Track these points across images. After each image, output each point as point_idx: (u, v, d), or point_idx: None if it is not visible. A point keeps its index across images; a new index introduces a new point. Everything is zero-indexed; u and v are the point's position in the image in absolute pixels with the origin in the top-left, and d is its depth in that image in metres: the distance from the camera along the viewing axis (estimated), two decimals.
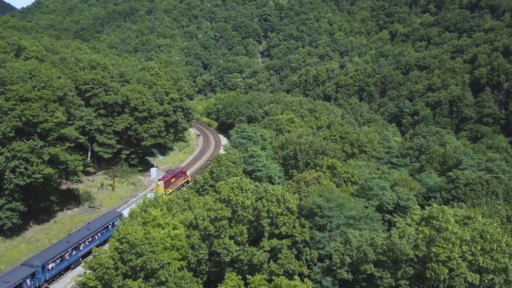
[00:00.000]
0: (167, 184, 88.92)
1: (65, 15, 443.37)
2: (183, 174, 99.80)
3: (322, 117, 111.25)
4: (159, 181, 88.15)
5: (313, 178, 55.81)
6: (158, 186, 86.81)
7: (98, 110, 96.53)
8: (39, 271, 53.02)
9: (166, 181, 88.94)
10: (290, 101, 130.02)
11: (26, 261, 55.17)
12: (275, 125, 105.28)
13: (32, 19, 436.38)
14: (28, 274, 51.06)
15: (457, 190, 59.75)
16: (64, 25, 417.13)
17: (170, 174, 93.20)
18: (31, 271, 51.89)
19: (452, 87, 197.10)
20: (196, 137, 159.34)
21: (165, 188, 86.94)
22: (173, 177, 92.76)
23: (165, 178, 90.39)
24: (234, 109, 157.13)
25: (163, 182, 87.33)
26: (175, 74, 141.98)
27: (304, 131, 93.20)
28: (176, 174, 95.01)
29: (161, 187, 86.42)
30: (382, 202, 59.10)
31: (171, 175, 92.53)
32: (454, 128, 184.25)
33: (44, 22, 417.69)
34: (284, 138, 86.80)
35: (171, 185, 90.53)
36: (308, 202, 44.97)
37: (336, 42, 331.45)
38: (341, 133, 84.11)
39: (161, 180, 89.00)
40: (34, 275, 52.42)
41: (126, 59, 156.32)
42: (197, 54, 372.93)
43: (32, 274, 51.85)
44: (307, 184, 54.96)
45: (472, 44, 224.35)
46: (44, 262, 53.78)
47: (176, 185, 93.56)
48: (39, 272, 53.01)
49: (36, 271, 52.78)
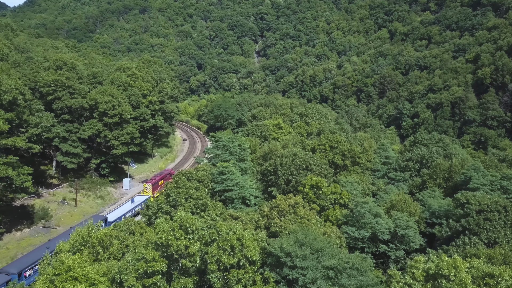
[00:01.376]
0: (155, 186, 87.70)
1: (57, 14, 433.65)
2: (171, 176, 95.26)
3: (313, 123, 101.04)
4: (146, 184, 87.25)
5: (288, 205, 45.93)
6: (146, 189, 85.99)
7: (62, 115, 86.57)
8: (15, 279, 50.30)
9: (154, 183, 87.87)
10: (280, 104, 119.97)
11: (2, 269, 52.89)
12: (260, 132, 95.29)
13: (24, 18, 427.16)
14: (3, 282, 48.43)
15: (468, 220, 49.30)
16: (56, 24, 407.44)
17: (158, 176, 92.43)
18: (6, 279, 49.24)
19: (454, 88, 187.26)
20: (182, 142, 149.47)
21: (153, 191, 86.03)
22: (161, 179, 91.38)
23: (152, 180, 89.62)
24: (222, 112, 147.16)
25: (151, 185, 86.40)
26: (158, 74, 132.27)
27: (291, 140, 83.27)
28: (164, 176, 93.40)
29: (148, 189, 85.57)
30: (376, 232, 49.29)
31: (159, 177, 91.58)
32: (457, 131, 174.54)
33: (35, 21, 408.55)
34: (267, 147, 76.94)
35: (159, 188, 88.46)
36: (274, 249, 34.54)
37: (334, 42, 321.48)
38: (332, 142, 74.15)
39: (148, 182, 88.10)
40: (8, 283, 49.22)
41: (107, 58, 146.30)
42: (191, 54, 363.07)
43: (7, 282, 48.83)
44: (281, 213, 45.07)
45: (474, 43, 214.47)
46: (21, 269, 51.93)
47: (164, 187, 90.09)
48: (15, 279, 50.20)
49: (12, 278, 50.02)
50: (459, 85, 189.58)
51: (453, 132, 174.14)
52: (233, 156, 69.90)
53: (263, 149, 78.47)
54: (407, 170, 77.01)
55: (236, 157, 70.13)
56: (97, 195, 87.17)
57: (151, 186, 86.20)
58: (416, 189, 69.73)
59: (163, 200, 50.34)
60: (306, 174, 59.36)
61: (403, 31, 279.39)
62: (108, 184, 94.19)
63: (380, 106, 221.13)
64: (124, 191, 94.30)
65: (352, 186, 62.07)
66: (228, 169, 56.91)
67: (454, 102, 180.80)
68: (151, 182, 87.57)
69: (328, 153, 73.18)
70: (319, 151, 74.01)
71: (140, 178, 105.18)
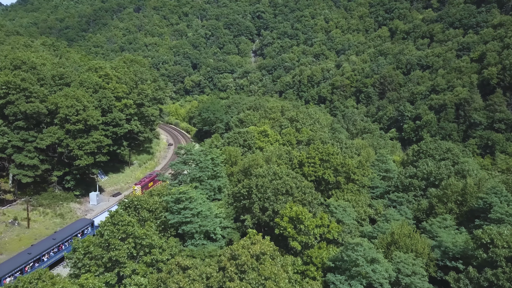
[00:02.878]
0: (145, 188, 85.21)
1: (50, 12, 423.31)
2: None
3: (304, 129, 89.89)
4: (136, 186, 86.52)
5: (252, 257, 34.75)
6: (135, 191, 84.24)
7: (16, 121, 76.08)
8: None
9: (144, 185, 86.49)
10: (270, 107, 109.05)
11: None
12: (242, 140, 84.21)
13: (16, 16, 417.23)
14: None
15: (496, 274, 37.45)
16: (48, 24, 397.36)
17: (148, 178, 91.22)
18: None
19: (459, 88, 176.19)
20: (166, 147, 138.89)
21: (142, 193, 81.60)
22: (151, 180, 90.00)
23: (142, 182, 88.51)
24: (210, 115, 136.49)
25: (140, 187, 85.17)
26: (140, 75, 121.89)
27: (276, 151, 72.35)
28: (153, 178, 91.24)
29: (138, 191, 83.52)
30: (372, 283, 38.53)
31: (148, 179, 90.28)
32: (461, 135, 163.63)
33: (27, 20, 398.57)
34: (248, 160, 66.02)
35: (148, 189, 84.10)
36: None
37: (333, 40, 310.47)
38: (323, 155, 63.01)
39: (138, 184, 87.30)
40: None
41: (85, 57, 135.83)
42: (186, 53, 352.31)
43: None
44: (240, 269, 33.93)
45: (479, 41, 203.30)
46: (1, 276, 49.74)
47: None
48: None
49: None
50: (463, 85, 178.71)
51: (457, 135, 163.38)
52: (204, 172, 59.34)
53: (242, 163, 67.74)
54: (411, 190, 65.67)
55: (208, 173, 59.60)
56: (56, 213, 76.63)
57: (140, 188, 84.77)
58: (422, 214, 58.69)
59: (95, 240, 39.56)
60: (286, 200, 48.62)
61: (404, 29, 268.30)
62: (72, 199, 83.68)
63: (380, 108, 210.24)
64: (90, 207, 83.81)
65: (344, 213, 51.43)
66: (187, 195, 46.23)
67: (459, 103, 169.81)
68: (140, 184, 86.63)
69: (318, 167, 62.46)
70: (308, 165, 63.25)
71: (112, 190, 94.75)
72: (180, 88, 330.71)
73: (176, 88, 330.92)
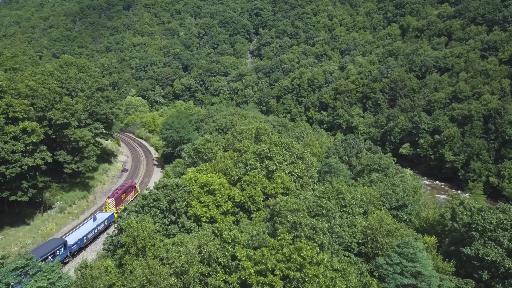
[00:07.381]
0: (118, 201, 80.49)
1: (34, 11, 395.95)
2: (133, 188, 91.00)
3: (277, 175, 56.40)
4: (109, 199, 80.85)
5: None
6: (109, 205, 79.52)
7: None
8: None
9: (117, 198, 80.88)
10: (240, 131, 76.86)
11: None
12: (166, 205, 49.86)
13: None
14: None
15: None
16: (31, 22, 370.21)
17: (120, 190, 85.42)
18: None
19: (487, 96, 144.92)
20: (118, 175, 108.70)
21: (116, 206, 79.24)
22: (123, 192, 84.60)
23: (114, 195, 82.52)
24: (173, 134, 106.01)
25: (114, 200, 79.79)
26: (74, 83, 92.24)
27: (209, 239, 38.98)
28: (126, 190, 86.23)
29: (111, 205, 79.22)
30: None
31: (121, 191, 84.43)
32: (493, 154, 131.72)
33: (8, 19, 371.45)
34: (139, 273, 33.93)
35: (122, 202, 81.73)
36: None
37: (336, 39, 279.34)
38: (291, 269, 30.22)
39: (110, 197, 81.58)
40: None
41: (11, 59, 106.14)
42: (176, 54, 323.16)
43: None
44: None
45: (508, 39, 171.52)
46: None
47: (127, 201, 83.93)
48: None
49: None
50: (492, 92, 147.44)
51: (488, 155, 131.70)
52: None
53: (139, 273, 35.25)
54: None
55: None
56: None
57: (114, 201, 79.61)
58: None
59: None
60: None
61: (417, 26, 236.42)
62: None
63: (391, 117, 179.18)
64: None
65: None
66: None
67: (488, 115, 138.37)
68: (113, 197, 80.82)
69: None
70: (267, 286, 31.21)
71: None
72: (168, 92, 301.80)
73: (164, 92, 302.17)
